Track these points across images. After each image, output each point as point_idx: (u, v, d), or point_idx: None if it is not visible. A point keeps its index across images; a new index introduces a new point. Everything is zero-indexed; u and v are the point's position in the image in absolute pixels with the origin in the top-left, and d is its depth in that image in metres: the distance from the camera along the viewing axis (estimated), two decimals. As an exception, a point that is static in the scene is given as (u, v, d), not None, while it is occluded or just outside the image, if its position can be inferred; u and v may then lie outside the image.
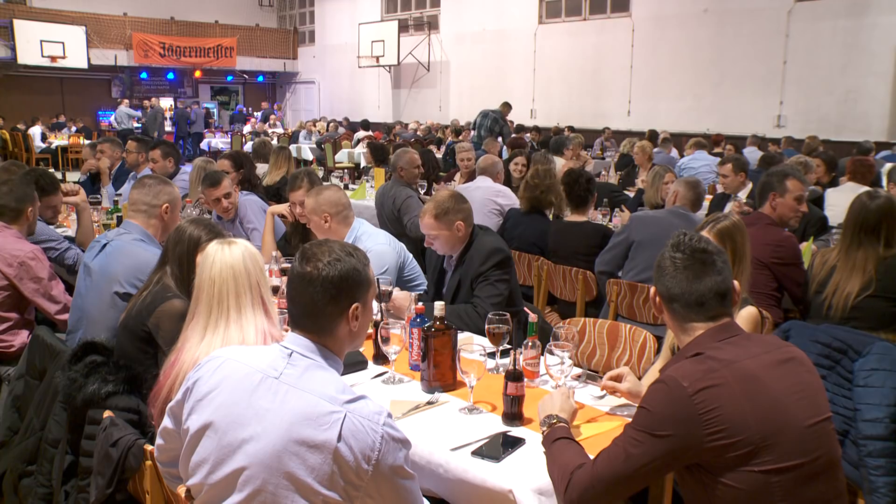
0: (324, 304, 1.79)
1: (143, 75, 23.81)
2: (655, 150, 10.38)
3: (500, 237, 3.62)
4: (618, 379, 2.39)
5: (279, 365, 1.76)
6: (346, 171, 12.14)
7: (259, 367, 1.77)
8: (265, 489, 1.65)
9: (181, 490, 1.85)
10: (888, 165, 8.00)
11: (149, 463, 2.05)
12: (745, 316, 2.65)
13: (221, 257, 2.22)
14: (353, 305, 1.81)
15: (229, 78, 26.07)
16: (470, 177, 7.23)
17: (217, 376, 1.79)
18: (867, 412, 3.07)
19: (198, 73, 24.73)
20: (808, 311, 3.62)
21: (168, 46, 22.87)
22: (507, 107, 13.86)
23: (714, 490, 1.75)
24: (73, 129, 19.88)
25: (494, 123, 12.90)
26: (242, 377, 1.76)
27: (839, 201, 5.67)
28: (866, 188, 5.47)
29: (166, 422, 1.90)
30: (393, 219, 6.19)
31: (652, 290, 2.04)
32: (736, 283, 1.97)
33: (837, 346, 3.24)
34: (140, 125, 19.67)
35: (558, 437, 2.01)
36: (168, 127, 20.46)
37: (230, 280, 2.19)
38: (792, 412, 1.75)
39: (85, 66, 20.92)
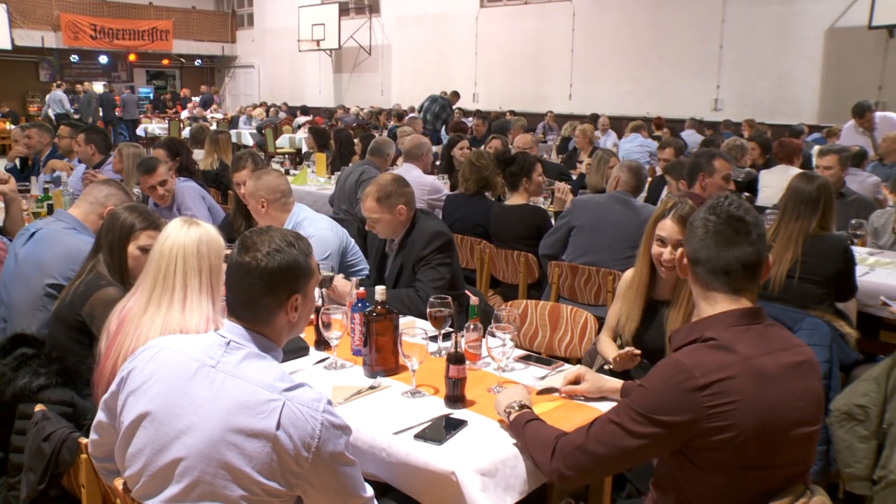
0: (261, 294, 1.75)
1: (74, 58, 23.02)
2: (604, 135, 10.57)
3: (441, 221, 3.62)
4: (576, 381, 2.38)
5: (216, 353, 1.73)
6: (286, 156, 12.01)
7: (195, 356, 1.74)
8: (203, 479, 1.63)
9: (118, 483, 1.80)
10: (818, 147, 8.24)
11: (84, 456, 2.00)
12: None
13: (177, 234, 2.18)
14: (293, 297, 1.78)
15: (165, 62, 25.43)
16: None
17: (152, 365, 1.76)
18: (798, 386, 3.17)
19: (132, 57, 24.05)
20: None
21: (99, 28, 22.11)
22: (455, 96, 13.97)
23: (687, 472, 1.73)
24: (-2, 114, 19.15)
25: (442, 110, 12.96)
26: (178, 366, 1.73)
27: (771, 182, 5.83)
28: (796, 169, 5.64)
29: (100, 416, 1.86)
30: (350, 192, 6.12)
31: (680, 250, 1.96)
32: (770, 256, 1.88)
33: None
34: (74, 110, 19.05)
35: (530, 418, 2.01)
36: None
37: (180, 258, 2.15)
38: (788, 420, 1.69)
39: (8, 47, 19.99)
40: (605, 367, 2.83)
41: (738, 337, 1.73)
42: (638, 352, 2.66)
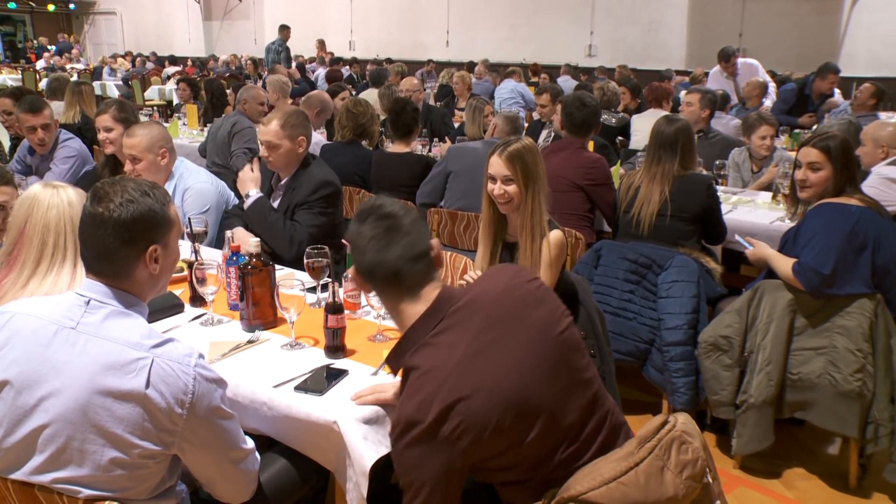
0: (116, 247, 1.65)
1: None
2: (480, 80, 10.58)
3: (332, 171, 3.54)
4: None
5: (75, 314, 1.64)
6: (155, 108, 11.46)
7: (53, 318, 1.64)
8: (70, 446, 1.56)
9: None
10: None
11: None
12: (552, 240, 2.71)
13: (58, 202, 2.07)
14: (151, 247, 1.69)
15: (12, 6, 23.50)
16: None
17: (5, 333, 1.65)
18: (669, 321, 3.33)
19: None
20: (618, 229, 3.84)
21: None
22: (284, 30, 13.56)
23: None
24: None
25: (278, 55, 12.66)
26: (35, 330, 1.63)
27: (643, 126, 6.00)
28: (666, 113, 5.84)
29: None
30: (222, 144, 5.88)
31: (351, 270, 1.84)
32: (434, 241, 1.81)
33: (643, 262, 3.46)
34: None
35: None
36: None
37: (69, 227, 2.04)
38: (517, 380, 1.64)
39: None
40: None
41: (435, 349, 1.67)
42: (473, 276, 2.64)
